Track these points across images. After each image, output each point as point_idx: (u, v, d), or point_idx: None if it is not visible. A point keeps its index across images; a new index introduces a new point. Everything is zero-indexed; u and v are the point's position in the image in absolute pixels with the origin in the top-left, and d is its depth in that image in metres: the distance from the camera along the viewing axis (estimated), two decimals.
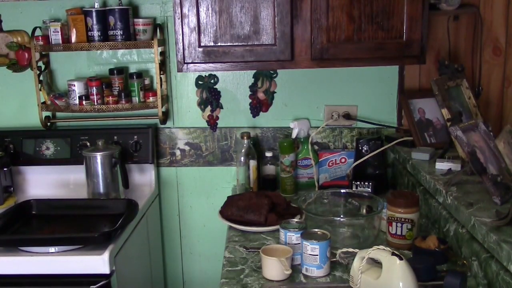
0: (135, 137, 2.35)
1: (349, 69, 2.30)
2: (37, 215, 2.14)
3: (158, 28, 2.29)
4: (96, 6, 2.22)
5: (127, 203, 2.11)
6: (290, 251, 1.62)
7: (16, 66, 2.30)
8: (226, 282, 1.59)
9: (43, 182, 2.39)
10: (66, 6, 2.28)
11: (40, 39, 2.24)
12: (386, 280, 1.40)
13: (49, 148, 2.37)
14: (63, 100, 2.32)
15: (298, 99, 2.41)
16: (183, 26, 1.96)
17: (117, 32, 2.19)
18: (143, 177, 2.40)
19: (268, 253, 1.61)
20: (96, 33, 2.20)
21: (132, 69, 2.41)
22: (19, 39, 2.27)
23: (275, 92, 2.40)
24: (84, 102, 2.28)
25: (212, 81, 2.39)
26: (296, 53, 1.98)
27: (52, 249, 1.81)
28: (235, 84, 2.40)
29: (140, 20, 2.25)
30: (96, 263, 1.77)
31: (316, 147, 2.42)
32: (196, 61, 1.99)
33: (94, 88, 2.28)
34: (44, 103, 2.32)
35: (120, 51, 2.39)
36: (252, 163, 2.30)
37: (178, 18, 1.96)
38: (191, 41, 1.98)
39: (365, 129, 2.40)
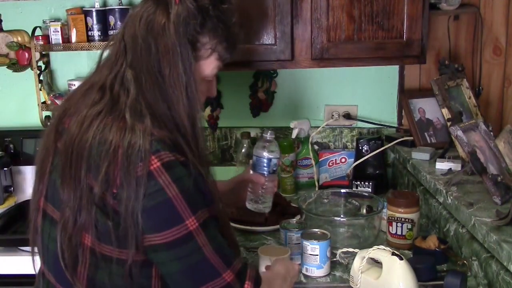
0: None
1: (349, 69, 2.29)
2: None
3: None
4: (96, 6, 2.21)
5: None
6: (287, 251, 1.59)
7: (16, 66, 2.29)
8: None
9: None
10: (66, 6, 2.27)
11: (40, 39, 2.24)
12: (386, 280, 1.40)
13: None
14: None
15: (298, 99, 2.41)
16: None
17: None
18: None
19: (266, 253, 1.59)
20: (96, 33, 2.19)
21: None
22: (19, 39, 2.27)
23: (275, 92, 2.40)
24: None
25: None
26: (296, 53, 1.98)
27: None
28: (235, 84, 2.40)
29: None
30: None
31: (316, 147, 2.42)
32: None
33: None
34: (44, 103, 2.32)
35: None
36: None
37: None
38: None
39: (365, 129, 2.40)
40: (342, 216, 1.95)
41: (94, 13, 2.18)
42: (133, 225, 1.11)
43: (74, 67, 2.41)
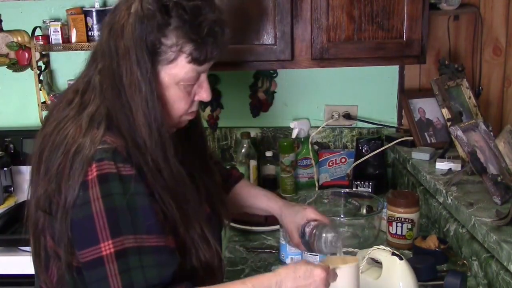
0: None
1: (349, 69, 2.29)
2: None
3: None
4: (96, 6, 2.21)
5: None
6: (355, 260, 1.23)
7: (16, 66, 2.30)
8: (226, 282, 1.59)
9: None
10: (66, 6, 2.27)
11: (40, 39, 2.24)
12: (386, 280, 1.40)
13: None
14: None
15: (298, 99, 2.41)
16: None
17: None
18: None
19: (331, 262, 1.21)
20: (96, 33, 2.19)
21: None
22: (19, 39, 2.27)
23: (275, 92, 2.40)
24: None
25: (212, 81, 2.39)
26: (296, 52, 1.98)
27: None
28: (235, 84, 2.40)
29: None
30: None
31: (316, 147, 2.42)
32: None
33: None
34: (44, 103, 2.31)
35: None
36: (252, 163, 2.30)
37: None
38: None
39: (365, 129, 2.40)
40: (342, 216, 1.95)
41: (94, 13, 2.18)
42: (65, 233, 1.07)
43: (74, 67, 2.35)
